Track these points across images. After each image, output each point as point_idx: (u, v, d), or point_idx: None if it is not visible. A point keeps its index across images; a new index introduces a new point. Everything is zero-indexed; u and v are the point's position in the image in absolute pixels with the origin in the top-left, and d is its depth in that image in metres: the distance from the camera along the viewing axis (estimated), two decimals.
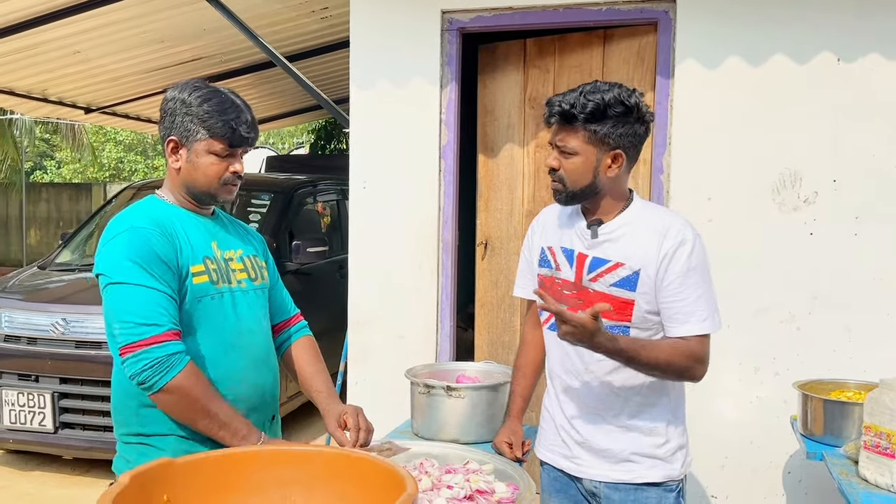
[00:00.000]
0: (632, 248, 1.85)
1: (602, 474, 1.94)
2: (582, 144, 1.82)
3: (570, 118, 1.81)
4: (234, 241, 1.92)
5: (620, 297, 1.85)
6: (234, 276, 1.85)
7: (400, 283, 3.63)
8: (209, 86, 1.80)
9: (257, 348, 1.88)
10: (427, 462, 2.00)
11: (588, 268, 1.89)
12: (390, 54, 3.60)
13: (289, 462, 1.43)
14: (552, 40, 3.64)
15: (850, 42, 3.06)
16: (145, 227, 1.70)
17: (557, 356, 2.00)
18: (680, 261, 1.81)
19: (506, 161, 3.77)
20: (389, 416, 3.06)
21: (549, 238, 2.01)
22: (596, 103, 1.78)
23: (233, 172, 1.79)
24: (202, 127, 1.73)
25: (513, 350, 3.73)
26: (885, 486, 2.00)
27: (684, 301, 1.81)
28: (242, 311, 1.84)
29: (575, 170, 1.84)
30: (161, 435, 1.73)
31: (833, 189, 3.11)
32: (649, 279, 1.82)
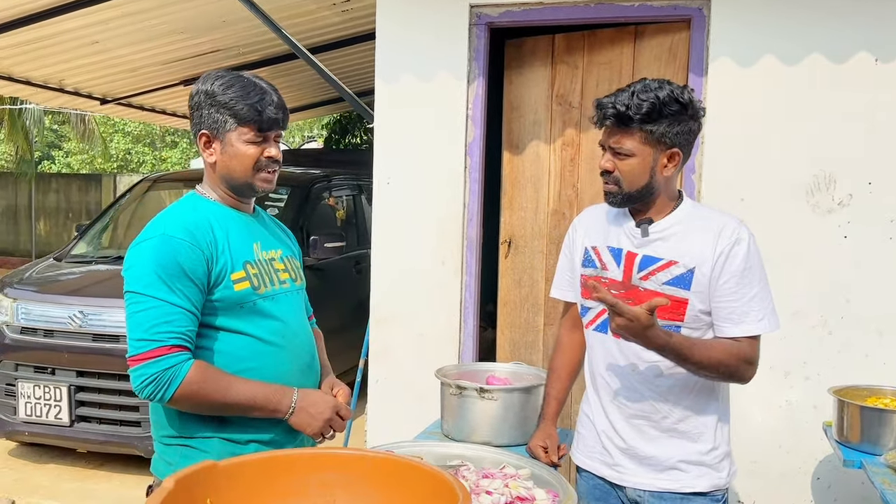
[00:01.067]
0: (685, 247, 1.81)
1: (647, 483, 1.88)
2: (638, 145, 1.78)
3: (626, 120, 1.76)
4: (274, 241, 1.89)
5: (674, 296, 1.80)
6: (278, 277, 1.81)
7: (423, 281, 3.59)
8: (231, 73, 1.76)
9: (302, 352, 1.84)
10: (464, 466, 1.95)
11: (638, 266, 1.85)
12: (416, 48, 3.55)
13: (332, 465, 1.38)
14: (581, 36, 3.59)
15: (888, 42, 3.00)
16: (176, 237, 1.65)
17: (602, 358, 1.95)
18: (736, 259, 1.77)
19: (531, 158, 3.72)
20: (411, 415, 3.03)
21: (594, 237, 1.96)
22: (651, 103, 1.73)
23: (268, 157, 1.74)
24: (229, 115, 1.70)
25: (535, 350, 3.69)
26: None
27: (740, 301, 1.77)
28: (287, 314, 1.81)
29: (631, 171, 1.80)
30: (204, 437, 1.71)
31: (868, 192, 3.05)
32: (704, 278, 1.78)
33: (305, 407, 1.72)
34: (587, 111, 3.59)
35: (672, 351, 1.72)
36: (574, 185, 3.63)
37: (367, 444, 3.54)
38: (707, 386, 1.85)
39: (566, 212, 3.65)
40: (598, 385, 1.97)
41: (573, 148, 3.63)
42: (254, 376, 1.70)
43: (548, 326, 3.71)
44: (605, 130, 1.83)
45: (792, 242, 3.10)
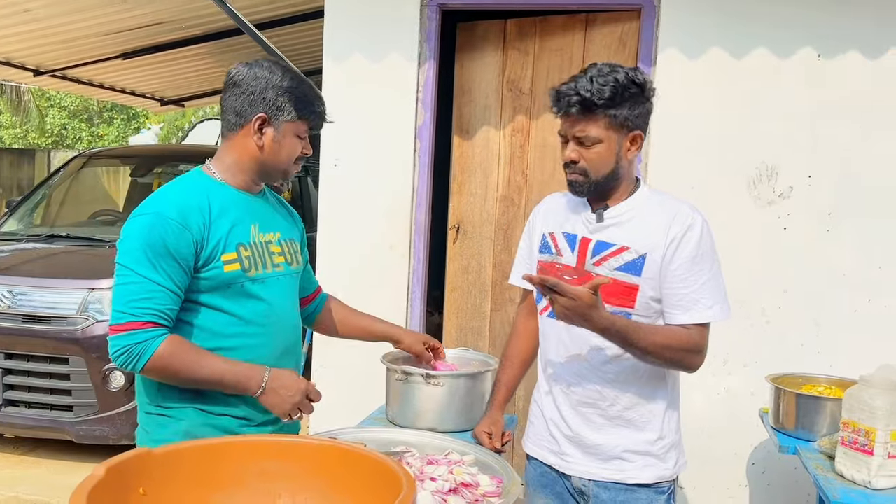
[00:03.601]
0: (638, 233, 1.80)
1: (591, 472, 1.88)
2: (604, 131, 1.75)
3: (590, 106, 1.72)
4: (275, 222, 1.91)
5: (624, 282, 1.79)
6: (272, 260, 1.85)
7: (370, 265, 3.54)
8: (293, 69, 1.83)
9: (286, 336, 1.89)
10: (407, 452, 1.93)
11: (591, 251, 1.84)
12: (366, 28, 3.48)
13: (273, 453, 1.34)
14: (533, 22, 3.57)
15: (830, 39, 3.07)
16: (169, 217, 1.69)
17: (553, 345, 1.93)
18: (688, 246, 1.76)
19: (481, 144, 3.70)
20: (356, 402, 2.98)
21: (552, 224, 1.95)
22: (613, 86, 1.71)
23: (304, 153, 1.84)
24: (294, 108, 1.76)
25: (481, 336, 3.69)
26: (861, 481, 2.01)
27: (689, 287, 1.76)
28: (275, 297, 1.84)
29: (599, 159, 1.77)
30: (180, 406, 1.76)
31: (808, 184, 3.13)
32: (655, 265, 1.77)
33: (276, 388, 1.75)
34: (538, 98, 3.58)
35: (617, 334, 1.71)
36: (524, 172, 3.63)
37: (310, 431, 3.48)
38: (656, 374, 1.85)
39: (515, 198, 3.65)
40: (549, 372, 1.96)
41: (523, 134, 3.62)
42: (231, 355, 1.74)
43: (494, 312, 3.71)
44: (565, 120, 1.79)
45: (734, 232, 3.16)
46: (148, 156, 6.35)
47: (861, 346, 3.03)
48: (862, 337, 3.06)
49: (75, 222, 5.41)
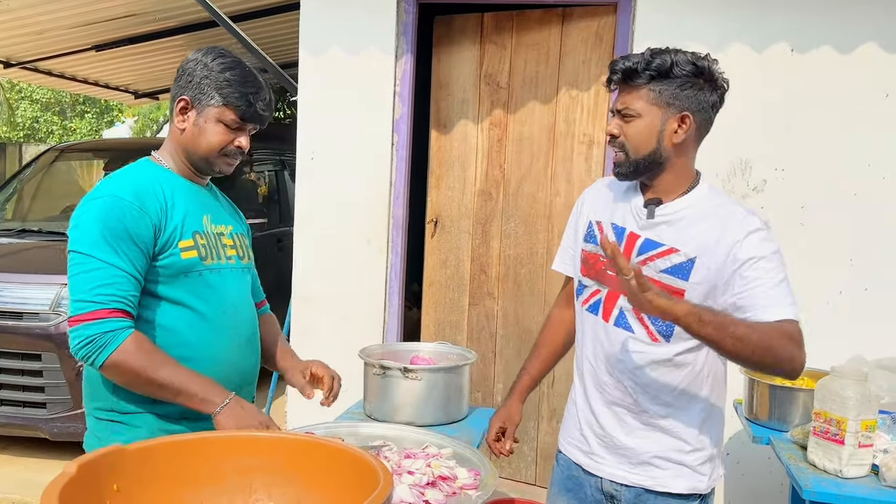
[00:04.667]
0: (690, 234, 1.67)
1: (620, 475, 1.78)
2: (645, 105, 1.64)
3: (633, 76, 1.64)
4: (225, 216, 1.86)
5: (670, 286, 1.67)
6: (225, 252, 1.79)
7: (347, 260, 3.53)
8: (235, 56, 1.74)
9: (243, 329, 1.82)
10: (385, 446, 1.93)
11: (638, 249, 1.72)
12: (343, 21, 3.46)
13: (250, 448, 1.33)
14: (510, 16, 3.57)
15: (803, 32, 3.11)
16: (125, 199, 1.61)
17: (590, 341, 1.82)
18: (749, 249, 1.61)
19: (459, 138, 3.69)
20: None
21: (600, 212, 1.82)
22: (663, 59, 1.62)
23: (237, 146, 1.73)
24: (218, 93, 1.68)
25: (459, 330, 3.70)
26: (832, 470, 2.04)
27: (768, 284, 1.59)
28: (231, 288, 1.78)
29: (637, 134, 1.66)
30: (135, 412, 1.67)
31: (781, 178, 3.17)
32: (705, 270, 1.64)
33: (234, 414, 1.63)
34: (515, 91, 3.59)
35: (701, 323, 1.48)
36: (501, 166, 3.63)
37: (288, 426, 3.47)
38: (694, 384, 1.72)
39: (493, 192, 3.66)
40: (584, 369, 1.85)
41: (501, 128, 3.62)
42: (191, 350, 1.68)
43: (472, 306, 3.72)
44: (614, 94, 1.73)
45: None
46: (122, 149, 6.27)
47: (833, 337, 3.07)
48: (834, 329, 3.10)
49: (47, 217, 5.33)
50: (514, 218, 3.62)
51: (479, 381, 3.67)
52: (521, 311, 3.62)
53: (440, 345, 2.61)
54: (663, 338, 1.70)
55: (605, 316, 1.77)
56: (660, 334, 1.70)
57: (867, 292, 3.11)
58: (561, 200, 3.52)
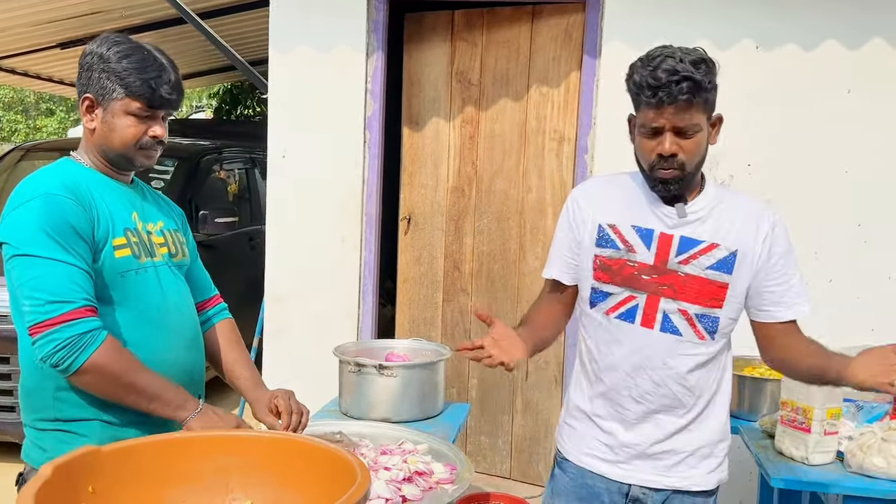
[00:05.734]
0: (725, 228, 1.68)
1: (652, 479, 1.75)
2: (702, 117, 1.60)
3: (699, 90, 1.55)
4: (154, 212, 1.79)
5: (716, 281, 1.67)
6: (157, 250, 1.72)
7: (320, 257, 3.52)
8: (131, 40, 1.66)
9: (184, 327, 1.76)
10: (361, 443, 1.94)
11: (677, 249, 1.68)
12: (313, 18, 3.45)
13: (228, 448, 1.33)
14: (481, 13, 3.59)
15: (768, 29, 3.17)
16: (60, 195, 1.55)
17: (626, 352, 1.73)
18: (780, 241, 1.69)
19: (431, 135, 3.70)
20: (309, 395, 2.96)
21: (610, 214, 1.74)
22: (708, 67, 1.57)
23: (152, 136, 1.65)
24: (119, 85, 1.60)
25: (434, 326, 3.71)
26: (799, 458, 2.10)
27: (790, 282, 1.71)
28: (168, 287, 1.72)
29: (697, 149, 1.61)
30: (82, 420, 1.59)
31: (748, 173, 3.23)
32: (746, 261, 1.67)
33: (208, 421, 1.60)
34: (487, 89, 3.61)
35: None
36: (473, 163, 3.65)
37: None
38: (724, 376, 1.78)
39: (465, 189, 3.67)
40: (613, 378, 1.75)
41: (473, 125, 3.64)
42: (133, 352, 1.60)
43: (446, 303, 3.74)
44: (665, 110, 1.58)
45: None
46: None
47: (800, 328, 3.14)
48: (801, 320, 3.17)
49: None
50: (487, 214, 3.64)
51: (453, 377, 3.69)
52: (495, 306, 3.65)
53: (415, 341, 2.63)
54: (709, 335, 1.70)
55: (646, 323, 1.71)
56: (707, 332, 1.70)
57: (832, 284, 3.19)
58: (533, 196, 3.55)
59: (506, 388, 3.67)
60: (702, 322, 1.68)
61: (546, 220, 3.51)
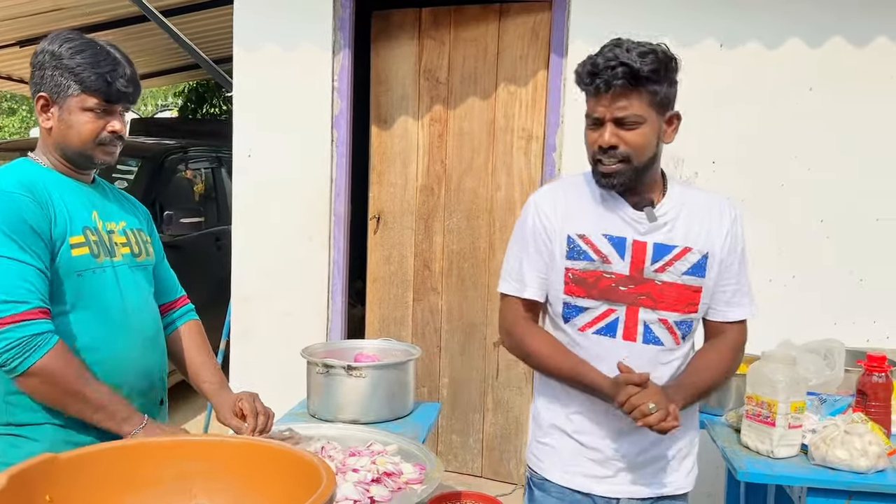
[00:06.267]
0: (694, 230, 1.64)
1: (639, 491, 1.72)
2: (647, 109, 1.55)
3: (636, 79, 1.51)
4: (116, 211, 1.76)
5: (692, 286, 1.64)
6: (118, 250, 1.69)
7: (288, 258, 3.49)
8: (83, 37, 1.64)
9: (144, 328, 1.73)
10: (329, 445, 1.92)
11: (651, 257, 1.63)
12: (277, 15, 3.42)
13: (190, 453, 1.30)
14: (448, 11, 3.58)
15: (731, 28, 3.20)
16: (15, 192, 1.53)
17: (611, 368, 1.64)
18: (739, 238, 1.68)
19: (400, 133, 3.69)
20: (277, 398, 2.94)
21: (580, 224, 1.66)
22: (655, 58, 1.52)
23: (111, 132, 1.63)
24: (74, 81, 1.58)
25: (404, 326, 3.70)
26: (765, 452, 2.11)
27: (741, 283, 1.69)
28: (127, 287, 1.69)
29: (644, 141, 1.56)
30: (34, 424, 1.57)
31: (712, 170, 3.27)
32: (716, 262, 1.65)
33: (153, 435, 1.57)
34: (455, 87, 3.60)
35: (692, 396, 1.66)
36: (443, 161, 3.64)
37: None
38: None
39: (435, 187, 3.67)
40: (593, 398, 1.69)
41: (441, 124, 3.63)
42: (92, 354, 1.60)
43: (417, 302, 3.73)
44: (602, 98, 1.55)
45: None
46: None
47: (764, 324, 3.17)
48: (762, 314, 3.19)
49: None
50: (457, 213, 3.64)
51: (424, 376, 3.68)
52: (466, 305, 3.64)
53: (384, 341, 2.61)
54: (683, 339, 1.70)
55: (628, 336, 1.66)
56: (682, 336, 1.69)
57: (795, 279, 3.24)
58: (502, 195, 3.56)
59: (477, 387, 3.67)
60: (680, 328, 1.67)
61: (515, 218, 3.49)
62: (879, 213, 3.16)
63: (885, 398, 2.18)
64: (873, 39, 3.11)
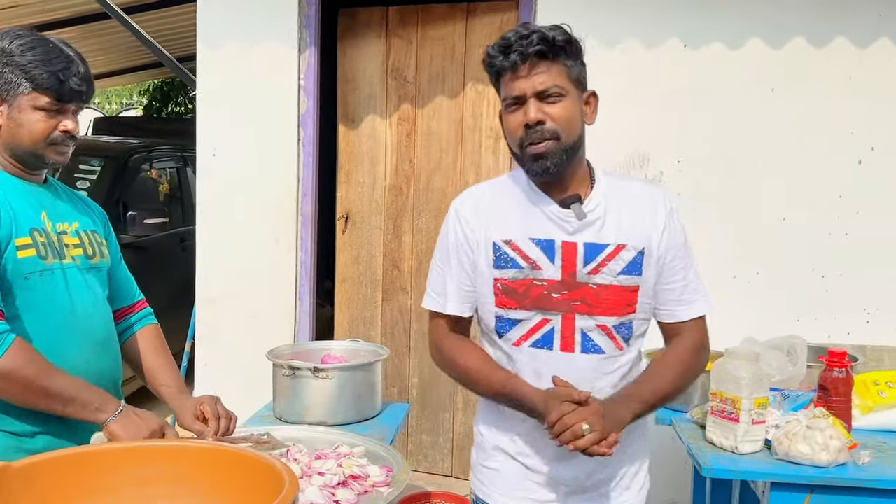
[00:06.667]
0: (627, 224, 1.52)
1: None
2: (567, 82, 1.47)
3: (552, 49, 1.44)
4: (69, 212, 1.71)
5: (629, 286, 1.52)
6: (68, 252, 1.65)
7: (254, 259, 3.45)
8: (34, 33, 1.60)
9: (95, 332, 1.69)
10: (295, 448, 1.90)
11: (583, 259, 1.50)
12: (243, 13, 3.37)
13: (150, 458, 1.28)
14: (415, 10, 3.57)
15: (694, 30, 3.24)
16: None
17: (547, 383, 1.54)
18: (676, 231, 1.55)
19: (367, 133, 3.67)
20: (244, 400, 2.90)
21: (504, 229, 1.53)
22: (565, 32, 1.46)
23: (63, 131, 1.60)
24: (25, 78, 1.54)
25: (373, 326, 3.68)
26: (729, 447, 2.14)
27: (688, 278, 1.56)
28: (77, 290, 1.65)
29: (569, 114, 1.46)
30: None
31: (678, 169, 3.30)
32: (652, 258, 1.52)
33: (129, 423, 1.55)
34: (423, 86, 3.59)
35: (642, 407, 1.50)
36: (411, 161, 3.63)
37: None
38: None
39: (403, 187, 3.65)
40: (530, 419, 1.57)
41: (409, 123, 3.62)
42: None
43: (386, 302, 3.71)
44: (517, 74, 1.46)
45: None
46: None
47: (726, 319, 3.21)
48: (726, 311, 3.22)
49: None
50: (426, 212, 3.63)
51: (394, 376, 3.67)
52: None
53: (353, 342, 2.59)
54: (626, 343, 1.56)
55: (566, 347, 1.53)
56: (623, 340, 1.56)
57: (759, 276, 3.28)
58: None
59: (446, 387, 3.67)
60: (619, 332, 1.54)
61: None
62: (839, 211, 3.22)
63: (846, 393, 2.23)
64: (832, 40, 3.16)
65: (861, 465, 2.02)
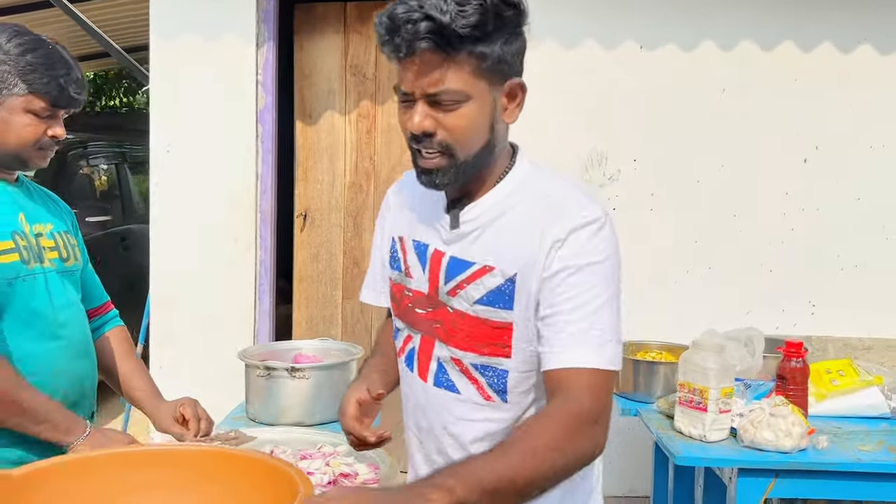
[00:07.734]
0: (506, 241, 1.17)
1: None
2: (471, 80, 1.10)
3: (449, 39, 1.06)
4: (43, 213, 1.66)
5: (491, 320, 1.18)
6: (46, 255, 1.60)
7: (211, 257, 3.37)
8: (32, 33, 1.55)
9: (75, 336, 1.65)
10: (278, 449, 1.88)
11: (445, 275, 1.22)
12: (199, 4, 3.29)
13: (151, 464, 1.25)
14: (374, 6, 3.53)
15: (650, 32, 3.33)
16: None
17: (412, 407, 1.34)
18: (578, 252, 1.13)
19: (326, 129, 3.63)
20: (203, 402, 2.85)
21: (402, 224, 1.31)
22: (479, 7, 1.06)
23: (52, 136, 1.55)
24: (22, 80, 1.49)
25: (334, 324, 3.65)
26: (697, 436, 2.22)
27: (579, 312, 1.11)
28: (57, 295, 1.60)
29: (469, 127, 1.12)
30: None
31: (634, 168, 3.39)
32: (528, 287, 1.15)
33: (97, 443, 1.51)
34: (383, 83, 3.58)
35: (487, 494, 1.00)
36: (371, 158, 3.61)
37: (153, 440, 3.27)
38: None
39: (363, 184, 3.63)
40: (410, 433, 1.38)
41: (369, 120, 3.60)
42: (24, 365, 1.51)
43: (346, 300, 3.69)
44: (408, 63, 1.10)
45: None
46: None
47: (683, 313, 3.34)
48: (683, 305, 3.37)
49: None
50: None
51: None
52: None
53: (322, 341, 2.57)
54: (498, 395, 1.22)
55: (421, 373, 1.28)
56: (493, 390, 1.22)
57: (710, 270, 3.41)
58: None
59: None
60: (484, 376, 1.21)
61: None
62: (785, 207, 3.37)
63: (803, 381, 2.34)
64: (780, 43, 3.31)
65: (820, 449, 2.13)
